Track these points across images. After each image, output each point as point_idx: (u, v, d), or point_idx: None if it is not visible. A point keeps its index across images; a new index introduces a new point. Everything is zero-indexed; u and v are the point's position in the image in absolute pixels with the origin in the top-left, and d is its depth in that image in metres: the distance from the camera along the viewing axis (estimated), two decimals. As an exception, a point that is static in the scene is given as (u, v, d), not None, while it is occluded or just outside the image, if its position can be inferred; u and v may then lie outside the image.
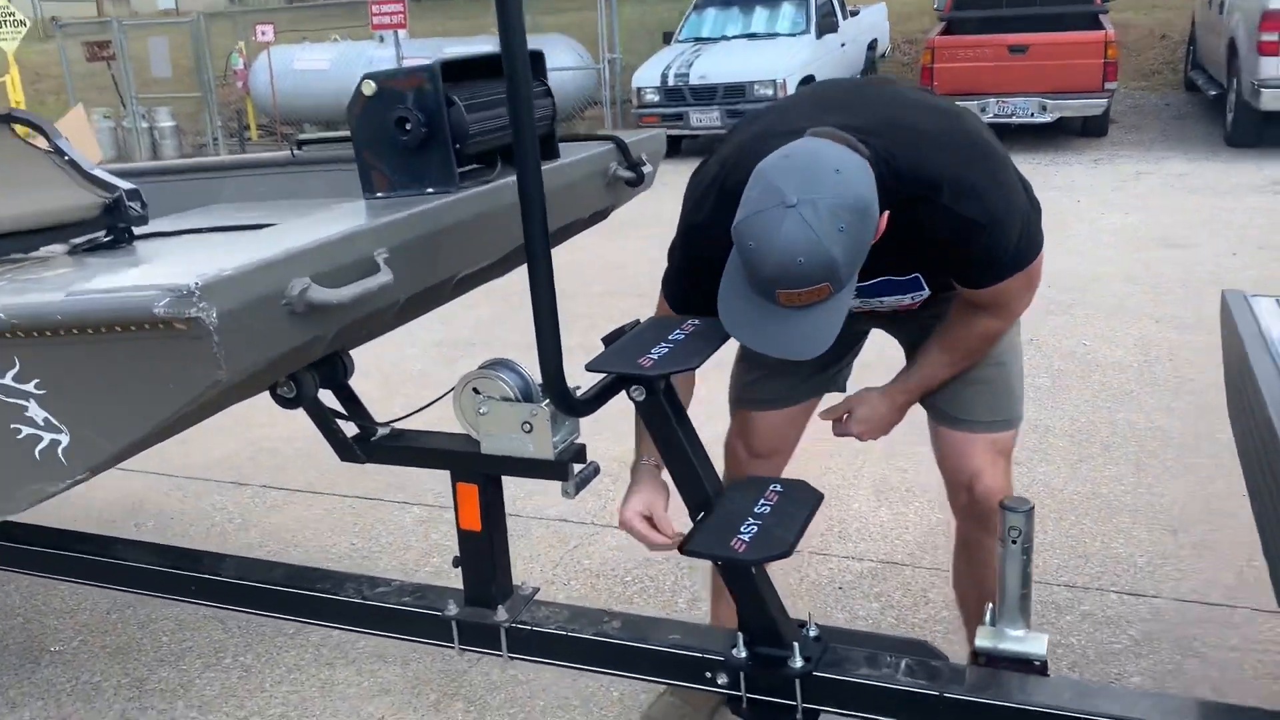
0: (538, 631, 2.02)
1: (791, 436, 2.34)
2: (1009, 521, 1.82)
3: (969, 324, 2.00)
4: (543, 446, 1.89)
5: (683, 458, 1.84)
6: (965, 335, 2.02)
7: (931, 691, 1.77)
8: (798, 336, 1.69)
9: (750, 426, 2.29)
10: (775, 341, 1.67)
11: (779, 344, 1.67)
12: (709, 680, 1.91)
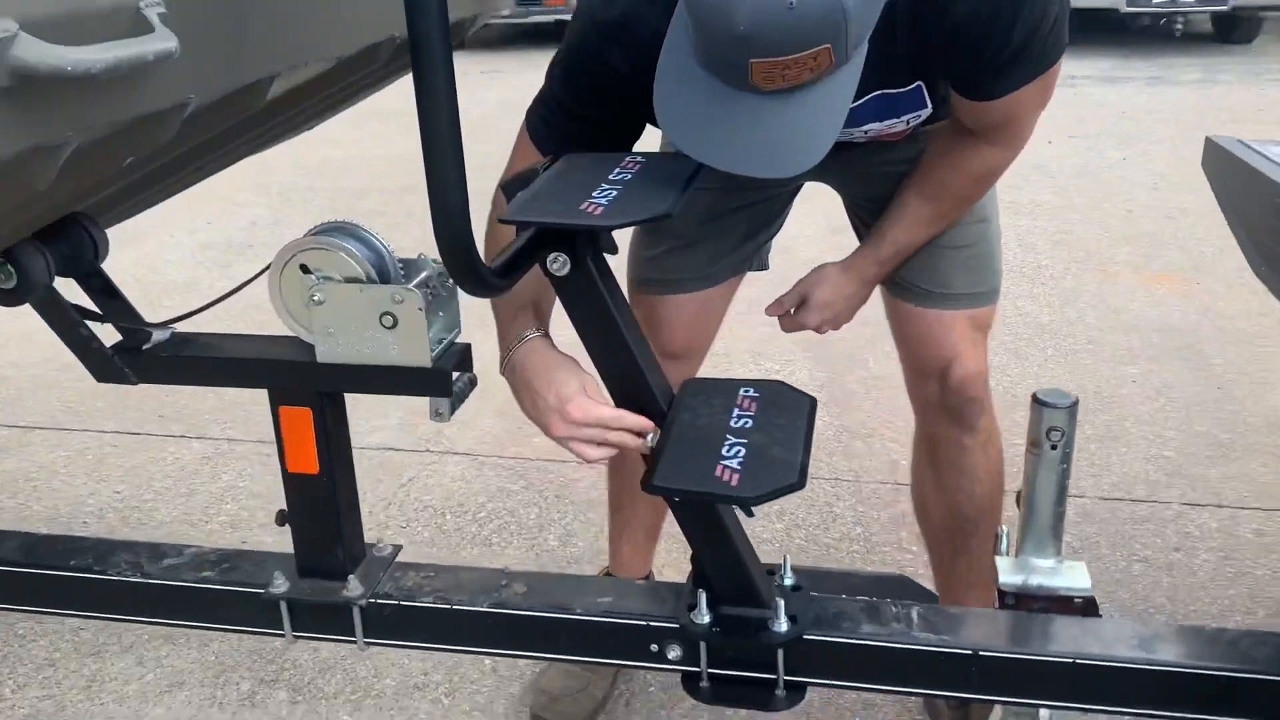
0: (408, 607, 1.45)
1: (709, 330, 1.84)
2: (1048, 420, 1.38)
3: (962, 159, 1.54)
4: (413, 348, 1.30)
5: (624, 357, 1.30)
6: (956, 176, 1.56)
7: (963, 649, 1.33)
8: (780, 139, 1.18)
9: (657, 317, 1.77)
10: (744, 150, 1.16)
11: (749, 153, 1.16)
12: (656, 656, 1.40)
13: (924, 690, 1.41)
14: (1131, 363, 3.32)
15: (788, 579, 1.42)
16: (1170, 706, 1.29)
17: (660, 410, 1.32)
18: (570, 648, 1.44)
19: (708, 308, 1.79)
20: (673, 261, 1.73)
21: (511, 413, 3.06)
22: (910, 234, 1.61)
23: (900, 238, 1.61)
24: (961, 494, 1.76)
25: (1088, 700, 1.32)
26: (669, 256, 1.73)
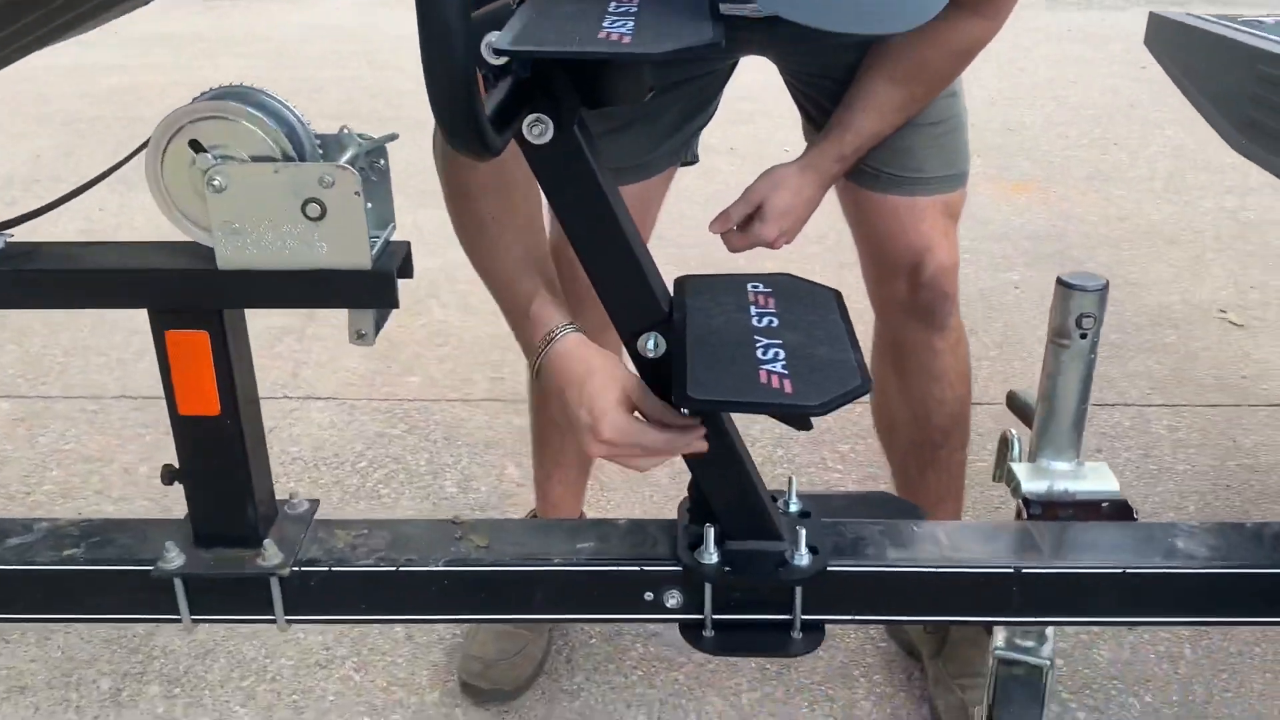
0: (342, 574, 1.18)
1: (646, 231, 1.61)
2: (1077, 306, 1.23)
3: (942, 33, 1.33)
4: (349, 244, 1.02)
5: (618, 249, 1.05)
6: (936, 52, 1.38)
7: (1002, 568, 1.17)
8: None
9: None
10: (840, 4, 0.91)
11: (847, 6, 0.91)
12: (652, 605, 1.18)
13: (959, 617, 1.25)
14: (1010, 269, 3.29)
15: (793, 504, 1.23)
16: (1235, 611, 1.17)
17: (662, 313, 1.08)
18: (548, 604, 1.20)
19: (646, 204, 1.56)
20: (613, 148, 1.48)
21: (377, 351, 2.79)
22: (879, 122, 1.42)
23: (868, 127, 1.42)
24: (931, 401, 1.61)
25: (1141, 612, 1.19)
26: (606, 141, 1.48)
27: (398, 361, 2.72)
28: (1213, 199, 3.87)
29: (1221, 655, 1.74)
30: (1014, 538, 1.22)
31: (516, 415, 2.47)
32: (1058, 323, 1.25)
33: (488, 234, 1.14)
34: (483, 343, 2.82)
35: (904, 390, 1.62)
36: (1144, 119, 4.93)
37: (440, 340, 2.83)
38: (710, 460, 1.14)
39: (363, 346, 1.22)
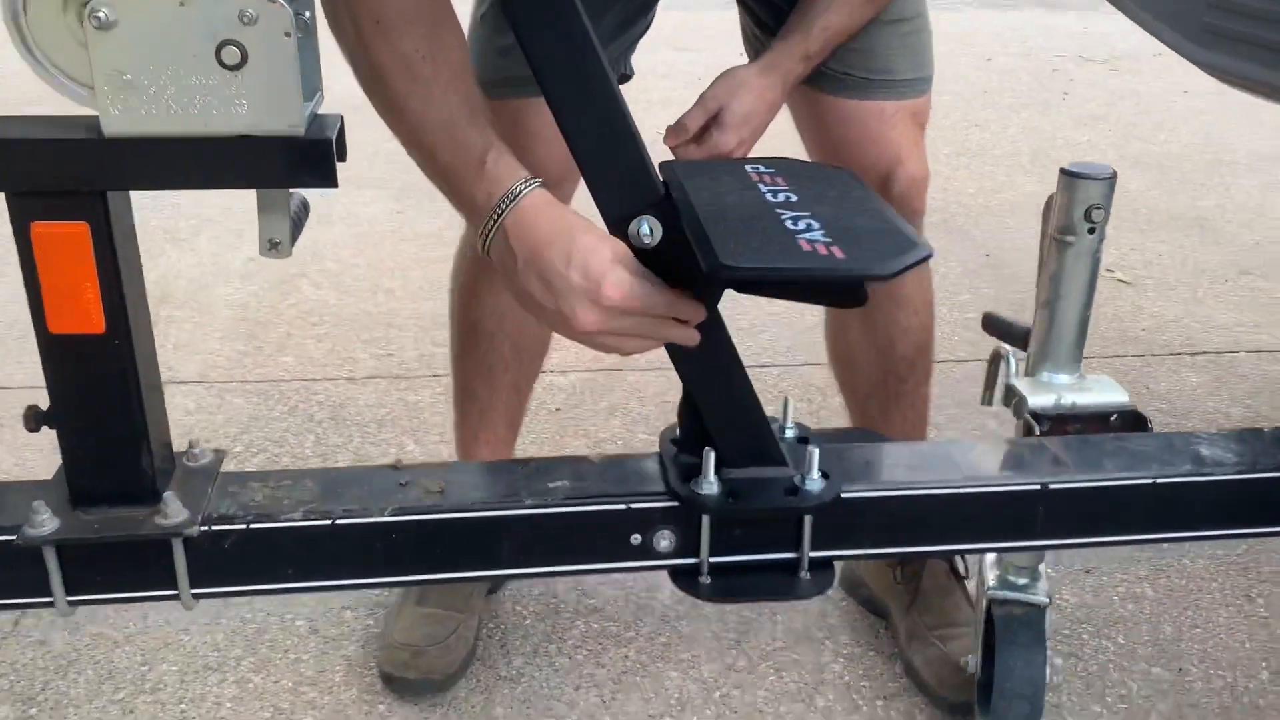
0: (263, 532, 0.96)
1: None
2: (1087, 198, 1.13)
3: None
4: (278, 101, 0.81)
5: (609, 111, 0.88)
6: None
7: (1028, 484, 1.05)
8: None
9: (525, 128, 1.33)
10: None
11: None
12: (640, 550, 1.01)
13: (980, 544, 1.12)
14: (901, 238, 3.25)
15: (789, 430, 1.08)
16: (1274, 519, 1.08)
17: (657, 192, 0.91)
18: (518, 556, 1.01)
19: None
20: None
21: (243, 332, 2.52)
22: (847, 17, 1.28)
23: (835, 21, 1.28)
24: (896, 330, 1.49)
25: (1175, 525, 1.09)
26: None
27: (268, 342, 2.45)
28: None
29: (1182, 593, 1.68)
30: (1034, 453, 1.10)
31: (410, 392, 2.25)
32: (1062, 218, 1.14)
33: (419, 77, 0.93)
34: (363, 319, 2.58)
35: (866, 319, 1.50)
36: (998, 104, 5.02)
37: (315, 319, 2.57)
38: (708, 371, 0.98)
39: (277, 258, 1.01)
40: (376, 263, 2.93)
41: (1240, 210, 3.53)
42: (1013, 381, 1.20)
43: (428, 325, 2.55)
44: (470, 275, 1.47)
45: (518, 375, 1.50)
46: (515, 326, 1.45)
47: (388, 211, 3.33)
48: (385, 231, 3.16)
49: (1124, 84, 5.39)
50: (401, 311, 2.62)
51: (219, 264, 2.88)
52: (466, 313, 1.47)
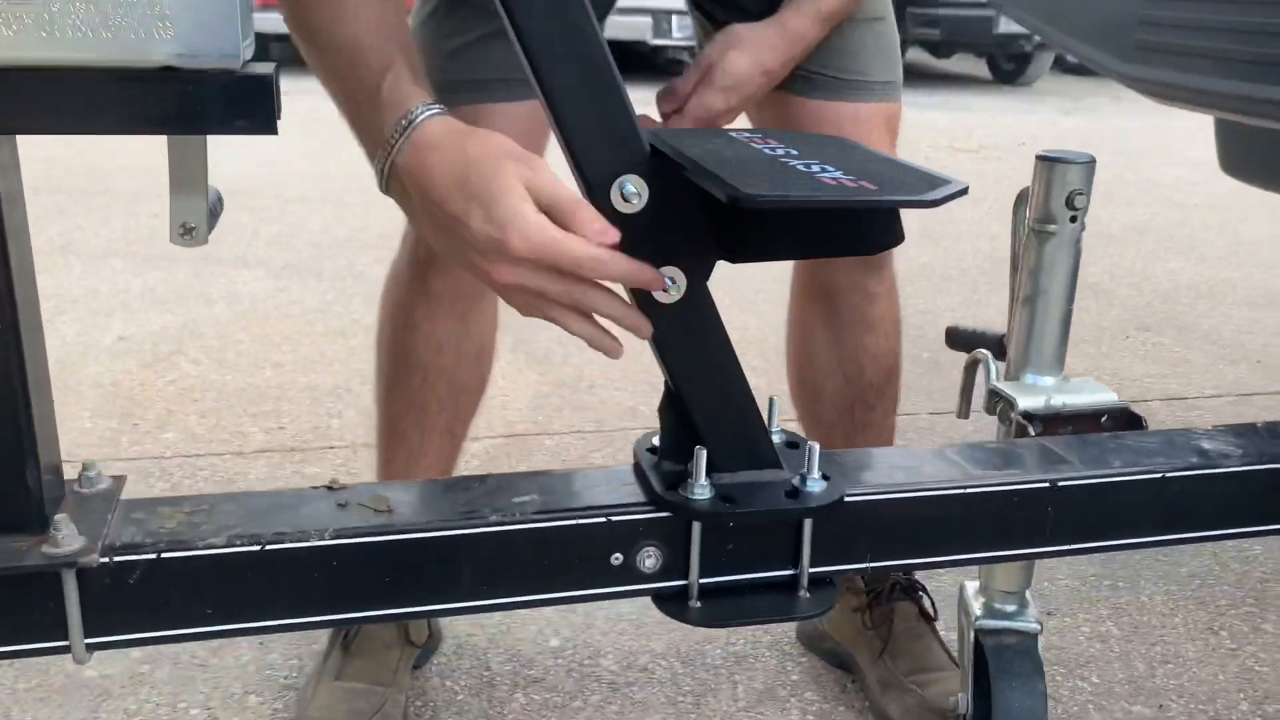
0: (174, 562, 0.80)
1: (543, 149, 1.32)
2: (1068, 183, 1.07)
3: None
4: (208, 28, 0.69)
5: (591, 57, 0.78)
6: None
7: (1037, 482, 0.96)
8: None
9: None
10: None
11: None
12: (622, 572, 0.88)
13: (993, 552, 1.02)
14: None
15: (776, 435, 0.97)
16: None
17: (643, 148, 0.81)
18: (482, 584, 0.86)
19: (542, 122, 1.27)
20: (495, 54, 1.20)
21: (116, 410, 2.29)
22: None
23: (828, 3, 1.18)
24: (865, 355, 1.41)
25: (1189, 525, 1.01)
26: (485, 47, 1.21)
27: (145, 419, 2.23)
28: (968, 243, 4.03)
29: (1146, 629, 1.61)
30: (1035, 453, 1.02)
31: (306, 465, 2.07)
32: (1041, 208, 1.09)
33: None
34: (250, 393, 2.38)
35: (835, 343, 1.41)
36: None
37: (197, 395, 2.36)
38: (697, 361, 0.88)
39: (191, 246, 0.87)
40: (261, 337, 2.74)
41: (1127, 275, 3.64)
42: (996, 385, 1.12)
43: (321, 396, 2.37)
44: (405, 296, 1.32)
45: (453, 417, 1.36)
46: (453, 358, 1.31)
47: (269, 289, 3.15)
48: (269, 308, 2.98)
49: (995, 169, 5.61)
50: (293, 385, 2.44)
51: (85, 344, 2.65)
52: (398, 341, 1.32)
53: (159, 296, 3.05)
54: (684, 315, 0.85)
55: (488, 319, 1.34)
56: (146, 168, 4.75)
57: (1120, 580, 1.74)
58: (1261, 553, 1.84)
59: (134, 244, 3.59)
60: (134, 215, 3.95)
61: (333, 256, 3.50)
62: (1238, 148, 1.97)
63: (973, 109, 8.04)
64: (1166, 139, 6.86)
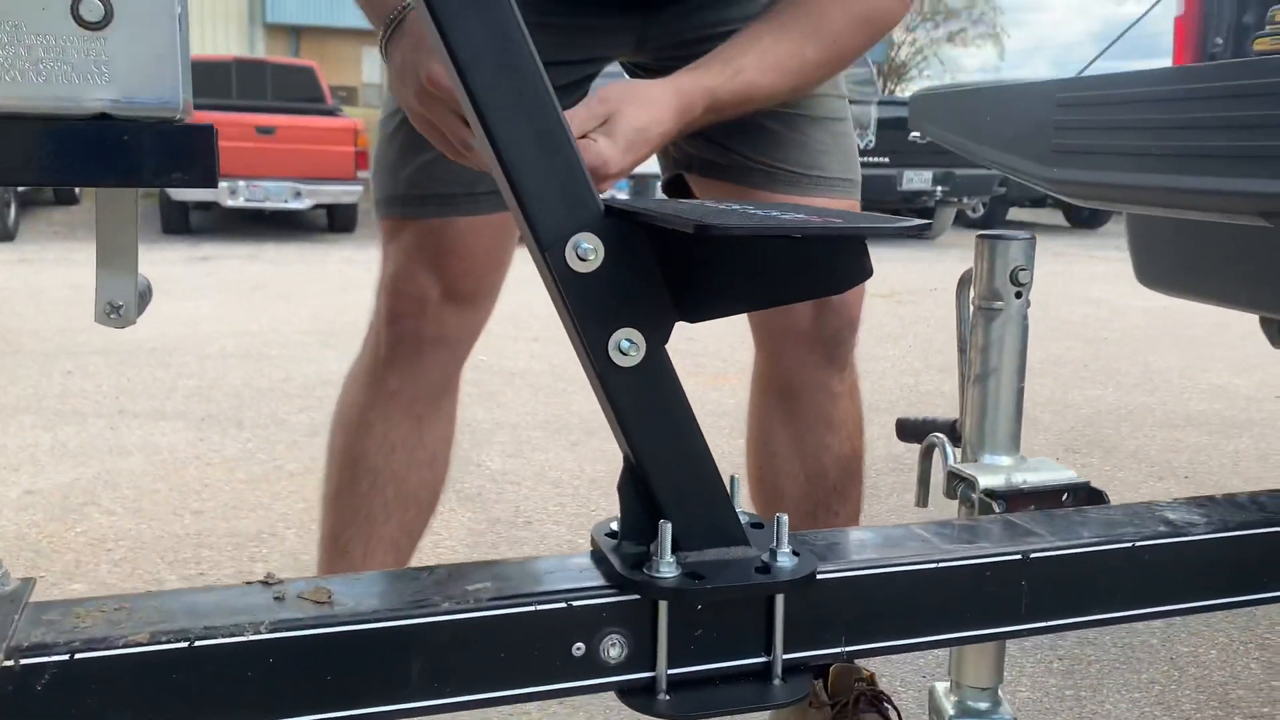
0: (90, 663, 0.71)
1: (506, 262, 1.31)
2: (1011, 259, 1.08)
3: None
4: (151, 74, 0.66)
5: (543, 116, 0.77)
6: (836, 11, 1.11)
7: (1009, 554, 0.93)
8: None
9: (446, 247, 1.23)
10: None
11: None
12: (584, 664, 0.82)
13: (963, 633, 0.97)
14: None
15: (740, 514, 0.93)
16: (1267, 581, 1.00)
17: (597, 206, 0.79)
18: (431, 682, 0.79)
19: (506, 231, 1.26)
20: (461, 168, 1.17)
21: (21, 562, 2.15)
22: (761, 74, 1.08)
23: (750, 70, 1.07)
24: (828, 456, 1.38)
25: (1164, 596, 0.99)
26: (437, 166, 1.19)
27: (51, 570, 2.10)
28: (892, 378, 4.10)
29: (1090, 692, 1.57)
30: (1003, 527, 0.99)
31: (228, 611, 1.94)
32: (986, 286, 1.10)
33: None
34: (168, 540, 2.26)
35: (796, 444, 1.39)
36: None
37: (110, 545, 2.23)
38: (659, 432, 0.84)
39: (116, 327, 0.83)
40: (180, 486, 2.62)
41: (1049, 403, 3.72)
42: (955, 467, 1.10)
43: (244, 541, 2.26)
44: (362, 395, 1.27)
45: (399, 530, 1.29)
46: (404, 463, 1.26)
47: (188, 440, 3.05)
48: (188, 457, 2.87)
49: (911, 312, 5.78)
50: (213, 531, 2.32)
51: (-11, 500, 2.51)
52: (350, 443, 1.27)
53: (70, 450, 2.92)
54: (643, 379, 0.82)
55: (444, 427, 1.30)
56: (58, 329, 4.65)
57: (1082, 690, 1.69)
58: (1217, 656, 1.82)
59: (45, 400, 3.46)
60: (46, 374, 3.83)
61: (254, 406, 3.41)
62: (1153, 259, 2.04)
63: (882, 259, 8.28)
64: (1069, 282, 7.18)
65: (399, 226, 1.24)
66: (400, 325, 1.24)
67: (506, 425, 3.24)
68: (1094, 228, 12.46)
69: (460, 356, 1.31)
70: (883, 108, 9.58)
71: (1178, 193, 1.33)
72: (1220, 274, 1.86)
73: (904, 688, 1.67)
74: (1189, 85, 1.31)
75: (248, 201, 9.28)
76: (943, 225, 10.69)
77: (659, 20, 1.24)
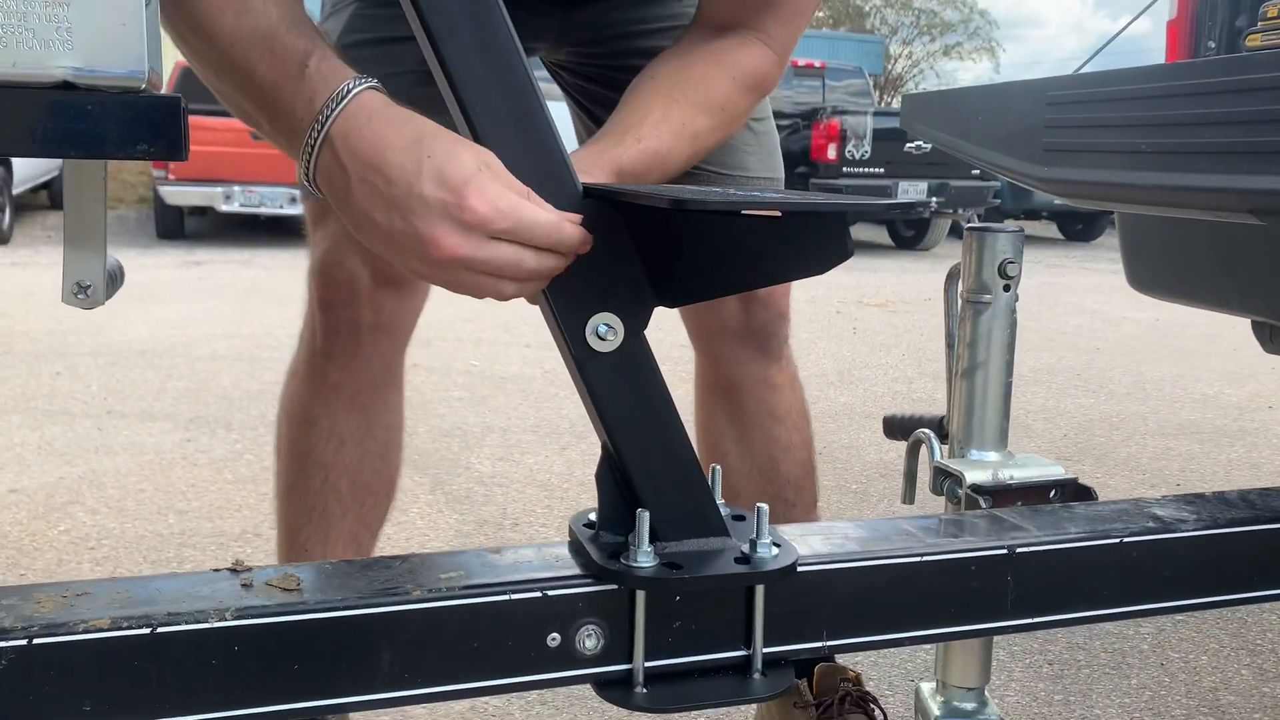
0: (46, 648, 0.70)
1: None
2: (1000, 252, 1.07)
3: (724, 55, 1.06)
4: (115, 43, 0.64)
5: (521, 93, 0.75)
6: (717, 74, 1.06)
7: (995, 548, 0.92)
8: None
9: None
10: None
11: None
12: (560, 655, 0.80)
13: (947, 628, 0.95)
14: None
15: (720, 505, 0.92)
16: (1253, 580, 0.98)
17: (577, 188, 0.78)
18: (402, 670, 0.77)
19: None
20: None
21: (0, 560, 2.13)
22: (660, 139, 1.00)
23: (649, 138, 0.99)
24: (778, 449, 1.37)
25: (1153, 594, 0.97)
26: None
27: (31, 569, 2.07)
28: (884, 385, 4.09)
29: (1079, 697, 1.55)
30: (990, 522, 0.97)
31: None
32: (974, 279, 1.08)
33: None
34: (151, 540, 2.24)
35: (744, 440, 1.37)
36: (796, 336, 5.24)
37: (92, 544, 2.21)
38: (637, 419, 0.83)
39: (84, 308, 0.81)
40: (166, 486, 2.60)
41: (1040, 411, 3.71)
42: (941, 463, 1.09)
43: (228, 541, 2.24)
44: (302, 390, 1.24)
45: (357, 523, 1.27)
46: (355, 456, 1.24)
47: (176, 441, 3.02)
48: (175, 458, 2.85)
49: (905, 321, 5.77)
50: (197, 531, 2.30)
51: (-29, 498, 2.48)
52: (297, 441, 1.24)
53: (57, 449, 2.89)
54: (621, 365, 0.81)
55: (392, 414, 1.27)
56: (49, 331, 4.63)
57: (1072, 694, 1.68)
58: (1208, 661, 1.80)
59: (33, 400, 3.44)
60: (35, 375, 3.80)
61: (244, 409, 3.39)
62: (1144, 262, 2.03)
63: (877, 270, 8.34)
64: (1063, 293, 7.18)
65: (324, 208, 1.18)
66: (334, 314, 1.21)
67: (497, 429, 3.22)
68: (1088, 240, 12.47)
69: (401, 343, 1.27)
70: (878, 119, 9.60)
71: (1168, 190, 1.32)
72: (1212, 277, 1.84)
73: (891, 691, 1.65)
74: (1179, 82, 1.30)
75: (242, 207, 9.26)
76: (937, 237, 10.70)
77: (577, 16, 1.22)
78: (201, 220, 10.29)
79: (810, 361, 4.47)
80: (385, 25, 1.12)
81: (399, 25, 0.81)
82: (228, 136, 9.05)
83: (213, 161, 9.04)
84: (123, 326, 4.73)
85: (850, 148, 9.50)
